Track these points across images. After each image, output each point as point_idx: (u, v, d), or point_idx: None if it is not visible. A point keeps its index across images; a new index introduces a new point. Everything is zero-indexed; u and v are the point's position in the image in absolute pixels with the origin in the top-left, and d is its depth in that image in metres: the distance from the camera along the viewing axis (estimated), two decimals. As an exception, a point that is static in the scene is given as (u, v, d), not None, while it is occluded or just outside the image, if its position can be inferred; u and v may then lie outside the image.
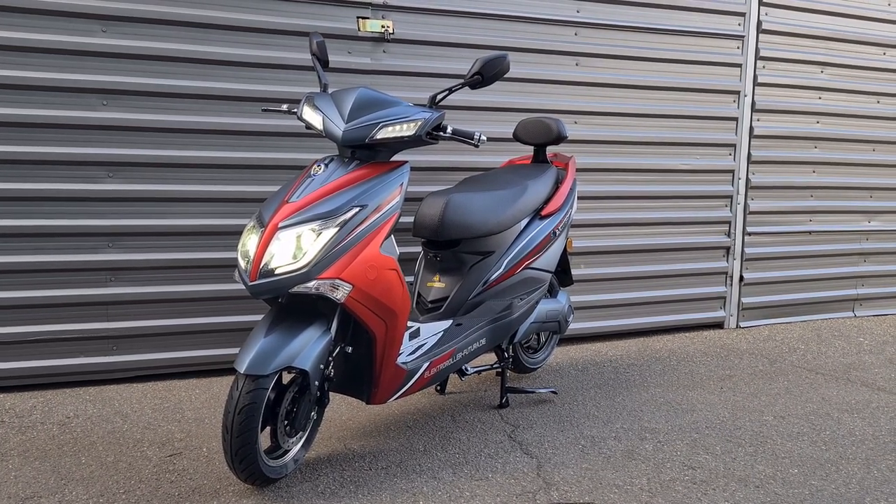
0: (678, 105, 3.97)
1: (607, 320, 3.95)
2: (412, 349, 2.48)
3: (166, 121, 3.06)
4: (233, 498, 2.14)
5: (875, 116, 4.50)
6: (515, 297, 2.84)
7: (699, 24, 3.96)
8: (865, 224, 4.60)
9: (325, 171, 2.24)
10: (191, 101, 3.09)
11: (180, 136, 3.09)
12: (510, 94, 3.60)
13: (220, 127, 3.13)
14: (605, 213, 3.86)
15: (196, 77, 3.08)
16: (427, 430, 2.70)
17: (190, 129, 3.10)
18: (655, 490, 2.25)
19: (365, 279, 2.15)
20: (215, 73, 3.10)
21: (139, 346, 3.13)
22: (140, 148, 3.04)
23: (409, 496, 2.18)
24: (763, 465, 2.45)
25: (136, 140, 3.03)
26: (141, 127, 3.03)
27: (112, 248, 3.05)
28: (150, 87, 3.01)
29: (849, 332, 4.27)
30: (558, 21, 3.65)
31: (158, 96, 3.04)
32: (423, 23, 3.40)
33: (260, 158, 3.20)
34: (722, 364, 3.59)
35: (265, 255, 2.08)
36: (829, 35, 4.30)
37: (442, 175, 3.49)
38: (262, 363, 2.03)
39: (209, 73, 3.09)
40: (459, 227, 2.63)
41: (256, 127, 3.18)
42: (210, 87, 3.09)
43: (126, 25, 2.97)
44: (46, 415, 2.76)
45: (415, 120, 2.29)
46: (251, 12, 3.12)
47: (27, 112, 2.88)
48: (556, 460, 2.45)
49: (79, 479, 2.25)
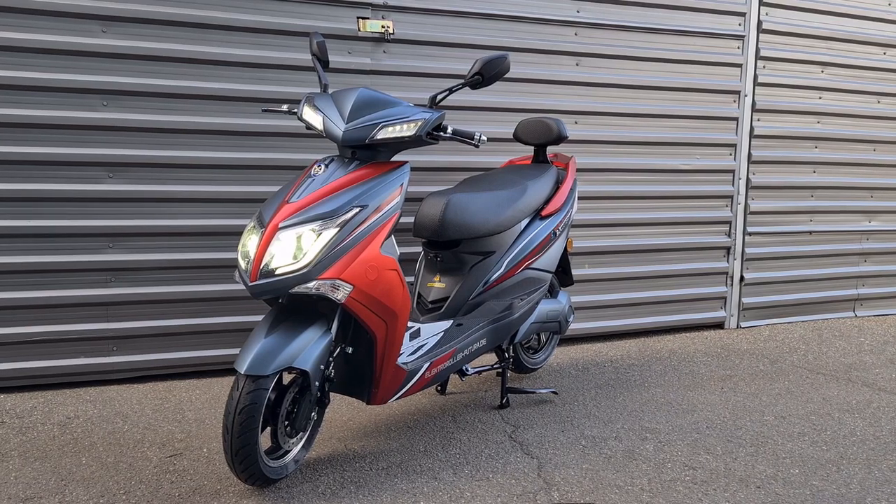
0: (678, 105, 3.96)
1: (608, 320, 3.95)
2: (413, 349, 2.48)
3: (166, 121, 3.06)
4: (233, 498, 2.14)
5: (875, 116, 4.50)
6: (516, 298, 2.84)
7: (699, 24, 3.96)
8: (866, 224, 4.60)
9: (326, 171, 2.24)
10: (191, 101, 3.09)
11: (180, 137, 3.09)
12: (510, 95, 3.60)
13: (221, 127, 3.13)
14: (605, 214, 3.86)
15: (196, 77, 3.08)
16: (428, 430, 2.70)
17: (190, 130, 3.10)
18: (656, 490, 2.25)
19: (365, 279, 2.15)
20: (215, 74, 3.10)
21: (140, 346, 3.13)
22: (140, 148, 3.04)
23: (409, 496, 2.18)
24: (764, 465, 2.45)
25: (136, 140, 3.03)
26: (141, 127, 3.03)
27: (112, 248, 3.05)
28: (150, 88, 3.01)
29: (849, 332, 4.27)
30: (558, 21, 3.65)
31: (158, 97, 3.04)
32: (424, 23, 3.40)
33: (260, 159, 3.20)
34: (722, 364, 3.59)
35: (265, 256, 2.08)
36: (830, 35, 4.29)
37: (442, 175, 3.49)
38: (262, 364, 2.03)
39: (209, 73, 3.10)
40: (460, 227, 2.63)
41: (257, 127, 3.18)
42: (210, 87, 3.09)
43: (126, 26, 2.97)
44: (47, 415, 2.76)
45: (415, 120, 2.28)
46: (251, 13, 3.12)
47: (27, 112, 2.88)
48: (556, 461, 2.44)
49: (79, 479, 2.25)
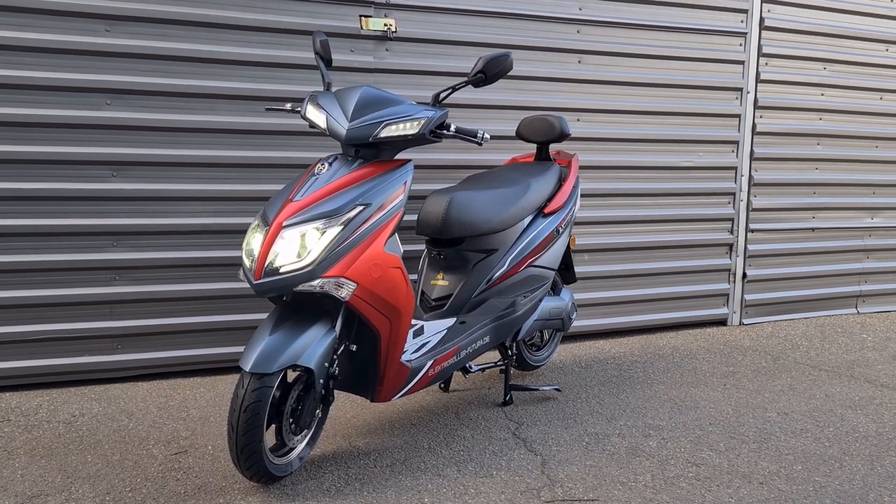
0: (681, 102, 3.96)
1: (610, 317, 3.95)
2: (416, 347, 2.48)
3: (170, 120, 3.06)
4: (238, 496, 2.15)
5: (878, 113, 4.50)
6: (519, 295, 2.85)
7: (701, 20, 3.95)
8: (868, 220, 4.59)
9: (329, 169, 2.25)
10: (194, 100, 3.09)
11: (184, 136, 3.10)
12: (513, 92, 3.60)
13: (224, 126, 3.14)
14: (608, 211, 3.86)
15: (199, 76, 3.08)
16: (431, 427, 2.70)
17: (194, 129, 3.10)
18: (659, 487, 2.25)
19: (369, 277, 2.16)
20: (219, 73, 3.11)
21: (144, 344, 3.14)
22: (144, 147, 3.05)
23: (413, 493, 2.19)
24: (767, 461, 2.46)
25: (140, 139, 3.04)
26: (145, 126, 3.04)
27: (116, 247, 3.06)
28: (153, 87, 3.02)
29: (852, 329, 4.27)
30: (561, 19, 3.65)
31: (162, 95, 3.04)
32: (426, 21, 3.40)
33: (263, 157, 3.20)
34: (725, 361, 3.60)
35: (270, 254, 2.09)
36: (832, 31, 4.29)
37: (445, 173, 3.49)
38: (267, 361, 2.04)
39: (212, 72, 3.10)
40: (463, 225, 2.63)
41: (260, 126, 3.18)
42: (213, 86, 3.10)
43: (129, 25, 2.97)
44: (52, 413, 2.77)
45: (418, 118, 2.29)
46: (254, 11, 3.12)
47: (31, 112, 2.89)
48: (560, 457, 2.45)
49: (85, 477, 2.26)
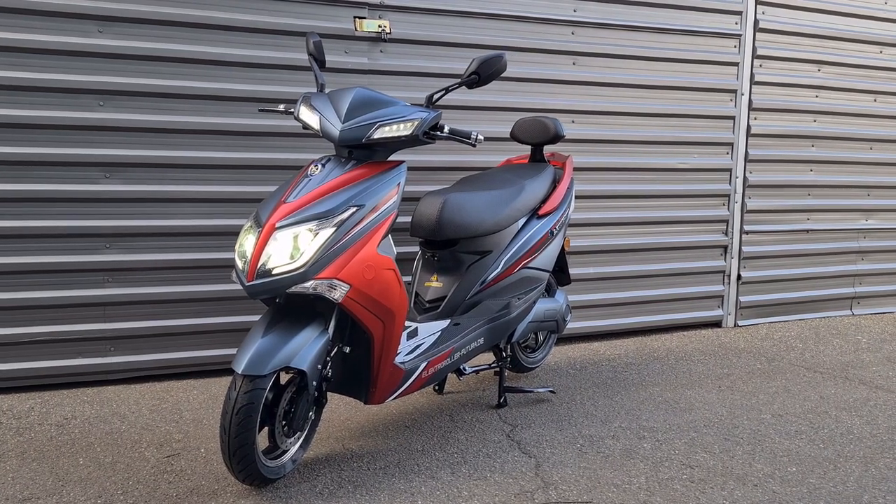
0: (675, 104, 3.97)
1: (605, 319, 3.95)
2: (410, 349, 2.48)
3: (163, 121, 3.05)
4: (231, 498, 2.14)
5: (872, 115, 4.51)
6: (513, 297, 2.84)
7: (696, 22, 3.96)
8: (863, 222, 4.61)
9: (322, 171, 2.24)
10: (187, 101, 3.08)
11: (177, 137, 3.09)
12: (507, 94, 3.60)
13: (217, 127, 3.13)
14: (602, 213, 3.86)
15: (192, 77, 3.08)
16: (425, 429, 2.70)
17: (187, 130, 3.09)
18: (654, 489, 2.25)
19: (362, 279, 2.15)
20: (211, 74, 3.10)
21: (137, 346, 3.13)
22: (137, 148, 3.04)
23: (407, 496, 2.18)
24: (761, 463, 2.45)
25: (132, 140, 3.03)
26: (138, 127, 3.02)
27: (109, 248, 3.05)
28: (146, 88, 3.01)
29: (846, 331, 4.27)
30: (555, 20, 3.65)
31: (155, 97, 3.04)
32: (420, 22, 3.40)
33: (257, 159, 3.20)
34: (720, 363, 3.60)
35: (262, 256, 2.08)
36: (826, 34, 4.30)
37: (439, 175, 3.49)
38: (259, 363, 2.03)
39: (205, 73, 3.09)
40: (457, 226, 2.63)
41: (253, 127, 3.18)
42: (206, 87, 3.09)
43: (122, 26, 2.97)
44: (44, 416, 2.76)
45: (412, 119, 2.29)
46: (247, 12, 3.12)
47: (23, 113, 2.88)
48: (554, 459, 2.45)
49: (77, 480, 2.25)
